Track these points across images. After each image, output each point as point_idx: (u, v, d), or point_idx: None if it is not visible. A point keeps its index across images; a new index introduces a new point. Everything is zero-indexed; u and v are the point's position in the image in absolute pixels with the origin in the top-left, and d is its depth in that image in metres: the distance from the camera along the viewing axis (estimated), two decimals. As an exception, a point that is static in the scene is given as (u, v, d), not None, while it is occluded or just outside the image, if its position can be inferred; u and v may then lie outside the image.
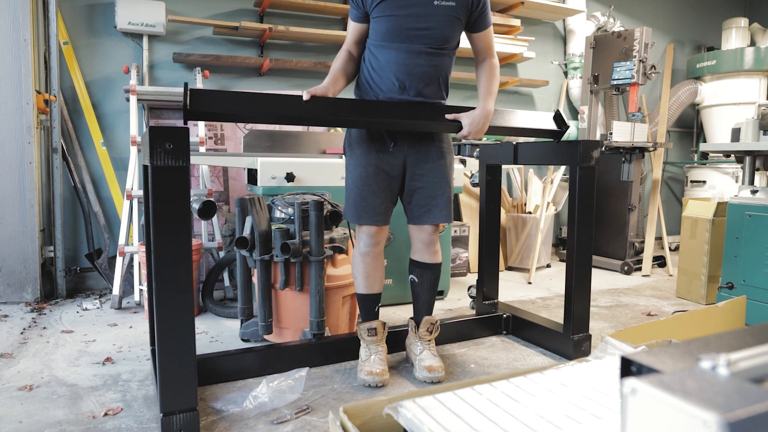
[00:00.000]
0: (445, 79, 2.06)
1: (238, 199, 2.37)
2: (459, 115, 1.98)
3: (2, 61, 3.02)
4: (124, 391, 1.97)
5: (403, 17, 1.92)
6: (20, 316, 2.87)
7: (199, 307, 3.04)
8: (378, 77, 1.99)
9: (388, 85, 1.98)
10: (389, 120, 1.93)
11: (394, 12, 1.92)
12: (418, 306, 2.20)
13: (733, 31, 5.27)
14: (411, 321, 2.22)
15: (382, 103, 1.98)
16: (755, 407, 0.47)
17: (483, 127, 1.98)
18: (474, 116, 1.97)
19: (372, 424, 1.13)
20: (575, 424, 1.01)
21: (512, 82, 4.45)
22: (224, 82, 3.71)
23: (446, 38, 1.98)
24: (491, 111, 2.00)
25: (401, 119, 1.93)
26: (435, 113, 1.99)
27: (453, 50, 2.05)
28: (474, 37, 2.07)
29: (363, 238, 2.07)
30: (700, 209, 3.34)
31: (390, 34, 1.94)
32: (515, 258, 4.24)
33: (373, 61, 2.00)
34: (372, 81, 2.01)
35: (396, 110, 1.94)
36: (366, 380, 2.01)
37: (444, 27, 1.96)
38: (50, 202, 3.31)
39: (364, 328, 2.12)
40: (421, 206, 2.08)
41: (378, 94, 2.01)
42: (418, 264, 2.17)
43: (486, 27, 2.05)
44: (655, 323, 2.13)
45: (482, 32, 2.05)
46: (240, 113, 1.78)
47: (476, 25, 2.03)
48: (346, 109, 1.91)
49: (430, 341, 2.18)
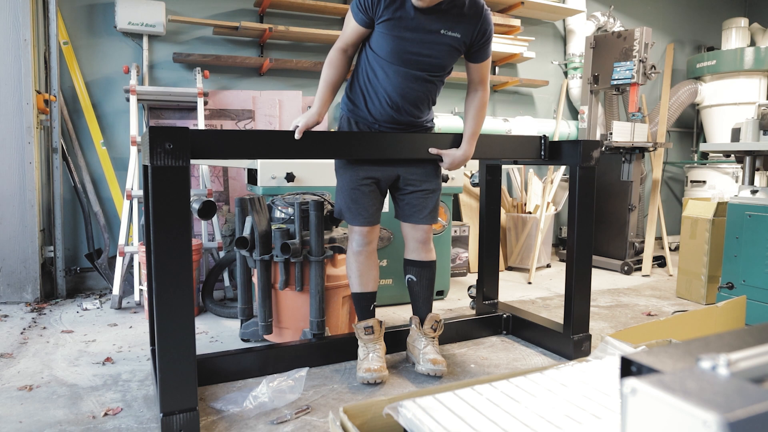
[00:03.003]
0: (434, 98, 2.13)
1: (238, 199, 2.37)
2: (442, 152, 2.05)
3: (2, 61, 3.02)
4: (124, 391, 1.97)
5: (408, 41, 1.93)
6: (20, 316, 2.87)
7: (199, 307, 3.04)
8: (373, 91, 2.01)
9: (383, 102, 2.01)
10: (377, 151, 1.97)
11: (400, 33, 1.92)
12: (419, 304, 2.22)
13: (733, 31, 5.27)
14: (415, 318, 2.23)
15: (370, 134, 1.99)
16: (755, 407, 0.47)
17: (461, 165, 2.09)
18: (455, 158, 2.05)
19: (372, 424, 1.13)
20: (575, 424, 1.01)
21: (512, 82, 4.44)
22: (224, 82, 3.71)
23: (444, 67, 2.03)
24: (471, 153, 2.08)
25: (388, 149, 1.98)
26: (419, 146, 2.04)
27: (447, 75, 2.10)
28: (471, 67, 2.07)
29: (356, 237, 2.12)
30: (700, 209, 3.34)
31: (392, 54, 1.95)
32: (515, 258, 4.24)
33: (370, 74, 2.01)
34: (367, 93, 2.03)
35: (383, 142, 1.97)
36: (365, 377, 2.02)
37: (445, 56, 1.99)
38: (50, 202, 3.31)
39: (361, 326, 2.13)
40: (415, 206, 2.13)
41: (371, 107, 2.03)
42: (416, 263, 2.20)
43: (485, 59, 2.06)
44: (655, 323, 2.13)
45: (481, 63, 2.06)
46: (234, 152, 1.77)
47: (476, 56, 2.04)
48: (336, 143, 1.92)
49: (434, 338, 2.19)
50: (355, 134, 1.98)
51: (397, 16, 1.90)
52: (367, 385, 2.03)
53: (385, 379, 2.05)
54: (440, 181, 2.18)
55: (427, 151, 2.03)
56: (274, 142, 1.83)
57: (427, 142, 2.04)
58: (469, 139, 2.06)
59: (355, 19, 1.96)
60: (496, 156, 2.27)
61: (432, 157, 2.05)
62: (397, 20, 1.90)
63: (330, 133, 1.95)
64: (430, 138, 2.06)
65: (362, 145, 1.94)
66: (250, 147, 1.79)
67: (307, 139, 1.85)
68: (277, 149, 1.84)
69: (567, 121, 4.80)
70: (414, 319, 2.23)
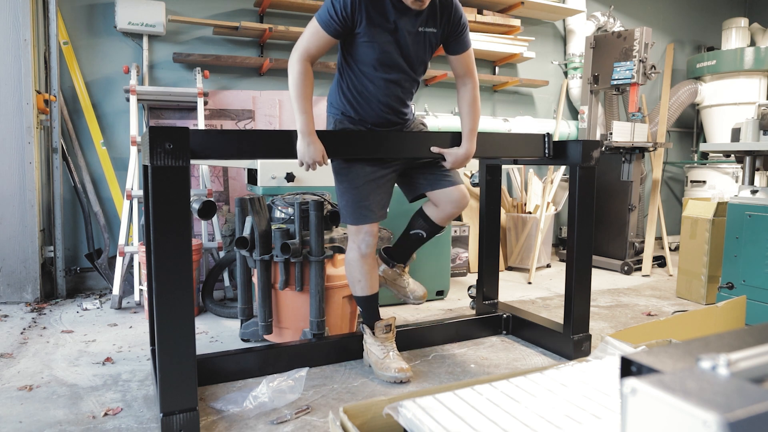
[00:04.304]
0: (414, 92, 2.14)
1: (238, 199, 2.37)
2: (443, 151, 2.04)
3: (2, 61, 3.02)
4: (124, 391, 1.97)
5: (393, 45, 1.92)
6: (20, 316, 2.87)
7: (199, 307, 3.04)
8: (365, 101, 2.00)
9: (375, 109, 2.01)
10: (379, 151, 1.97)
11: (384, 38, 1.90)
12: (408, 253, 2.35)
13: (733, 31, 5.27)
14: (398, 265, 2.35)
15: (371, 134, 1.99)
16: (755, 407, 0.47)
17: (464, 164, 2.08)
18: (457, 156, 2.04)
19: (372, 424, 1.13)
20: (575, 424, 1.01)
21: (512, 82, 4.44)
22: (224, 82, 3.71)
23: (424, 63, 2.06)
24: (473, 150, 2.07)
25: (390, 149, 1.98)
26: (422, 144, 2.04)
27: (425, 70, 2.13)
28: (454, 60, 2.07)
29: (365, 239, 2.06)
30: (700, 209, 3.34)
31: (378, 61, 1.93)
32: (515, 258, 4.24)
33: (358, 86, 1.99)
34: (357, 103, 2.01)
35: (384, 142, 1.97)
36: (397, 377, 2.04)
37: (425, 53, 2.01)
38: (50, 202, 3.31)
39: (381, 326, 2.14)
40: (441, 171, 2.13)
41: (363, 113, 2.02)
42: (434, 226, 2.23)
43: (465, 49, 2.05)
44: (655, 323, 2.13)
45: (463, 54, 2.05)
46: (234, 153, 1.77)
47: (456, 47, 2.03)
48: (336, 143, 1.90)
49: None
50: (356, 134, 1.98)
51: (378, 23, 1.87)
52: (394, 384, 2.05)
53: (411, 378, 2.08)
54: None
55: (429, 150, 2.03)
56: (274, 143, 1.83)
57: (429, 141, 2.04)
58: (469, 135, 2.05)
59: (327, 30, 1.86)
60: (498, 155, 2.26)
61: (434, 156, 2.04)
62: (378, 27, 1.87)
63: (330, 133, 1.94)
64: (432, 137, 2.06)
65: (362, 146, 1.94)
66: (250, 147, 1.78)
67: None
68: (277, 149, 1.83)
69: (567, 121, 4.80)
70: (397, 267, 2.35)
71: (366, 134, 1.99)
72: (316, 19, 1.88)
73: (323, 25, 1.86)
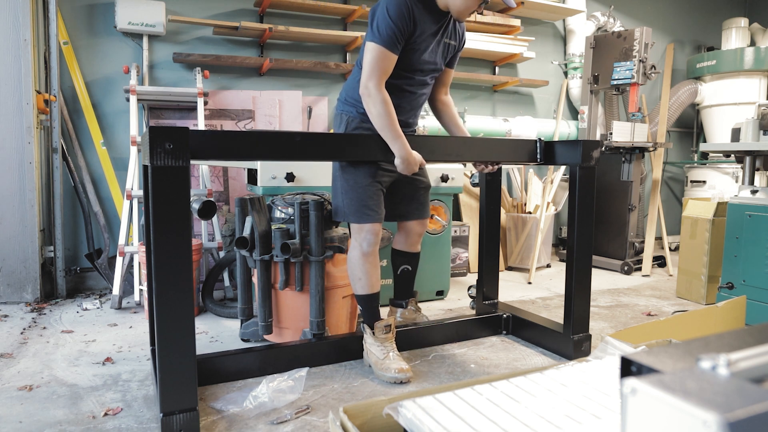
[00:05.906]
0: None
1: (238, 199, 2.37)
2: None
3: (2, 61, 3.02)
4: (124, 391, 1.97)
5: (427, 52, 2.05)
6: (20, 316, 2.87)
7: (199, 307, 3.04)
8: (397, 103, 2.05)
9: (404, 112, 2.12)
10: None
11: (423, 45, 2.03)
12: (411, 286, 2.52)
13: (733, 31, 5.27)
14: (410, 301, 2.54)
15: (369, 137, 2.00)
16: (755, 407, 0.47)
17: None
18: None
19: (372, 424, 1.13)
20: (575, 424, 1.01)
21: (512, 82, 4.44)
22: (224, 82, 3.71)
23: (440, 71, 2.21)
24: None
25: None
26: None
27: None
28: (447, 72, 2.26)
29: (368, 237, 2.10)
30: (700, 209, 3.34)
31: (411, 65, 2.04)
32: (515, 258, 4.24)
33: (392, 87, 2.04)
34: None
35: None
36: (397, 377, 2.04)
37: (443, 62, 2.18)
38: (50, 202, 3.31)
39: (381, 326, 2.15)
40: (422, 203, 2.35)
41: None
42: (413, 255, 2.46)
43: (455, 64, 2.27)
44: (655, 323, 2.13)
45: (454, 67, 2.27)
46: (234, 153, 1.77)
47: (453, 61, 2.25)
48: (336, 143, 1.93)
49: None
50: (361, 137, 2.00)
51: (420, 30, 1.99)
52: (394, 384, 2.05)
53: (412, 379, 2.09)
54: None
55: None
56: (275, 143, 1.83)
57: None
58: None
59: (393, 50, 1.94)
60: (492, 160, 2.28)
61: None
62: (421, 34, 2.00)
63: (331, 135, 1.94)
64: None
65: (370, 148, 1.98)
66: (250, 147, 1.78)
67: (308, 140, 1.85)
68: (278, 150, 1.83)
69: (567, 121, 4.80)
70: (411, 301, 2.54)
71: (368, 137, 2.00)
72: (377, 43, 1.92)
73: (389, 46, 1.92)
